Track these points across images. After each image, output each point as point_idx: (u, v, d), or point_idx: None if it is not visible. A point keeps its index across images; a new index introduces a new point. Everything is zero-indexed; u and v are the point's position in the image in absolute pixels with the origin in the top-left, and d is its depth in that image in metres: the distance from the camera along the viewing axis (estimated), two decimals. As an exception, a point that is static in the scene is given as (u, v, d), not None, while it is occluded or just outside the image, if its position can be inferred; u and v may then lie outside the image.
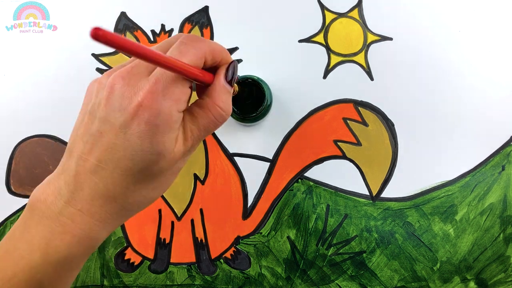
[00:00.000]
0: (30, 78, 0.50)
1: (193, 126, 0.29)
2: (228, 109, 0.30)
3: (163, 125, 0.26)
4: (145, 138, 0.26)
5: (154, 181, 0.29)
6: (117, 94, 0.26)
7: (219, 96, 0.29)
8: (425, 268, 0.47)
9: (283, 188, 0.48)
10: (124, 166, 0.27)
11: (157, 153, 0.27)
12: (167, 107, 0.26)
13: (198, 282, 0.49)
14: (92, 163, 0.27)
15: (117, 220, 0.29)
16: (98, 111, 0.27)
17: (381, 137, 0.48)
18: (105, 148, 0.27)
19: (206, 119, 0.29)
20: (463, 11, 0.47)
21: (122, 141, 0.26)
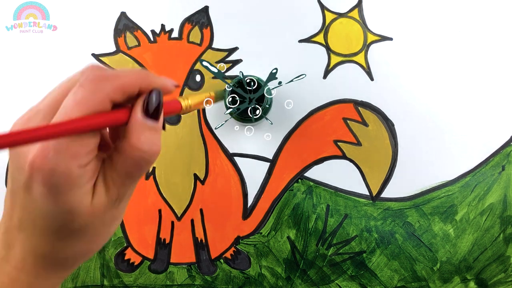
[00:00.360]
0: (30, 78, 0.50)
1: (114, 174, 0.25)
2: (151, 148, 0.25)
3: (63, 184, 0.23)
4: (46, 199, 0.24)
5: (83, 236, 0.26)
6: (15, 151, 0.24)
7: (137, 136, 0.24)
8: (425, 268, 0.47)
9: (283, 188, 0.48)
10: (40, 226, 0.25)
11: (67, 212, 0.24)
12: (62, 165, 0.23)
13: (198, 282, 0.49)
14: (15, 221, 0.26)
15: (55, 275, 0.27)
16: (9, 166, 0.25)
17: (381, 137, 0.48)
18: (21, 207, 0.25)
19: (125, 164, 0.25)
20: (463, 11, 0.47)
21: (30, 202, 0.24)
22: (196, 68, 0.49)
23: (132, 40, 0.49)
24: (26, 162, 0.23)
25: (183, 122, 0.49)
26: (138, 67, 0.49)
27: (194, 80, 0.49)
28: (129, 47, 0.49)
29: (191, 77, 0.49)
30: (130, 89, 0.25)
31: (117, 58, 0.49)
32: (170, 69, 0.49)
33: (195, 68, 0.49)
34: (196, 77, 0.49)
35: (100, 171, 0.25)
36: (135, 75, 0.25)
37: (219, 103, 0.49)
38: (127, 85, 0.25)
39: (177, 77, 0.49)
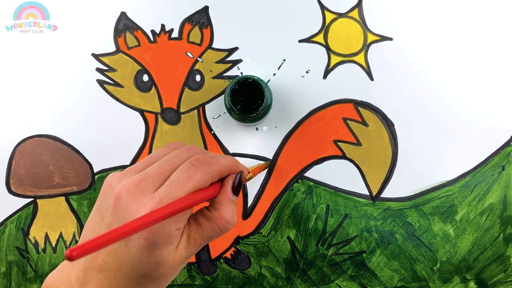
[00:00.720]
0: (30, 78, 0.50)
1: (197, 236, 0.31)
2: (234, 221, 0.31)
3: (161, 241, 0.28)
4: (143, 251, 0.28)
5: (156, 282, 0.30)
6: (122, 206, 0.28)
7: (226, 210, 0.31)
8: (425, 268, 0.47)
9: (283, 188, 0.48)
10: (125, 271, 0.29)
11: (155, 263, 0.29)
12: (166, 226, 0.28)
13: (198, 282, 0.49)
14: (98, 262, 0.29)
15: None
16: (106, 216, 0.29)
17: (381, 137, 0.48)
18: (109, 252, 0.29)
19: (211, 230, 0.31)
20: (463, 11, 0.47)
21: (123, 250, 0.28)
22: (196, 68, 0.49)
23: (132, 40, 0.49)
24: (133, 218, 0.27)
25: (183, 122, 0.49)
26: (139, 67, 0.49)
27: (194, 80, 0.49)
28: (129, 47, 0.49)
29: (191, 77, 0.49)
30: (225, 172, 0.31)
31: (117, 58, 0.49)
32: (170, 69, 0.49)
33: (195, 68, 0.49)
34: (196, 77, 0.49)
35: (185, 231, 0.31)
36: (230, 162, 0.32)
37: (219, 103, 0.49)
38: (224, 170, 0.31)
39: (177, 77, 0.49)
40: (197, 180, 0.29)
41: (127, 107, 0.49)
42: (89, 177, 0.49)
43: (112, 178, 0.31)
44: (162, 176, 0.30)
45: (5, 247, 0.50)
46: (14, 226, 0.50)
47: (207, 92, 0.49)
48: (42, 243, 0.49)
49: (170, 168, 0.30)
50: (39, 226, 0.50)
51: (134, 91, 0.49)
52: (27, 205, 0.50)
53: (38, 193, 0.49)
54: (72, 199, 0.49)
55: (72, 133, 0.49)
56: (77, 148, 0.49)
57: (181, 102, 0.49)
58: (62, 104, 0.49)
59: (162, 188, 0.29)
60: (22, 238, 0.50)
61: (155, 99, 0.49)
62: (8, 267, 0.50)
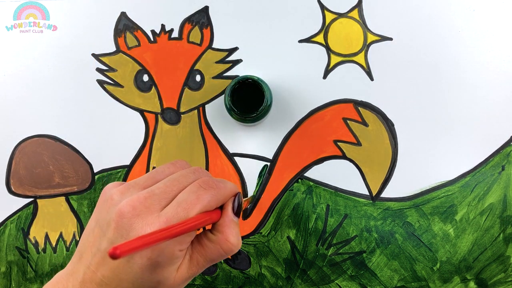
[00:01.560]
0: (30, 78, 0.50)
1: (200, 258, 0.31)
2: (238, 243, 0.31)
3: (164, 262, 0.28)
4: (145, 270, 0.28)
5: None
6: (126, 223, 0.28)
7: (230, 232, 0.31)
8: (425, 268, 0.47)
9: (283, 188, 0.48)
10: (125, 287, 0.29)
11: (156, 282, 0.29)
12: (170, 247, 0.28)
13: (198, 282, 0.49)
14: (98, 277, 0.29)
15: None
16: (108, 231, 0.28)
17: (381, 137, 0.48)
18: (110, 267, 0.28)
19: (216, 253, 0.31)
20: (463, 11, 0.47)
21: (125, 267, 0.28)
22: (196, 68, 0.49)
23: (132, 40, 0.49)
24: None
25: (183, 122, 0.49)
26: (139, 67, 0.49)
27: (194, 80, 0.49)
28: (129, 47, 0.49)
29: (191, 77, 0.49)
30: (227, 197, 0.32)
31: (117, 58, 0.49)
32: (170, 69, 0.49)
33: (195, 68, 0.49)
34: (196, 77, 0.49)
35: (187, 252, 0.31)
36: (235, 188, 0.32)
37: (219, 103, 0.49)
38: (230, 195, 0.32)
39: (177, 77, 0.49)
40: (206, 202, 0.29)
41: (127, 107, 0.49)
42: (89, 177, 0.49)
43: (113, 191, 0.30)
44: (169, 196, 0.30)
45: (5, 247, 0.50)
46: (14, 226, 0.50)
47: (207, 92, 0.49)
48: (42, 243, 0.49)
49: (178, 188, 0.30)
50: (39, 226, 0.50)
51: (134, 91, 0.49)
52: (27, 205, 0.50)
53: (38, 193, 0.49)
54: (72, 199, 0.49)
55: (72, 133, 0.49)
56: (77, 148, 0.49)
57: (181, 102, 0.49)
58: (62, 104, 0.49)
59: (169, 208, 0.29)
60: (22, 238, 0.50)
61: (155, 99, 0.49)
62: (8, 267, 0.50)
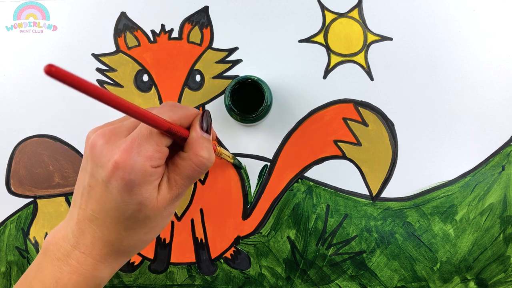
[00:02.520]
0: (30, 78, 0.50)
1: (177, 176, 0.32)
2: (210, 156, 0.32)
3: (139, 180, 0.29)
4: (123, 192, 0.29)
5: (145, 227, 0.32)
6: (98, 151, 0.30)
7: (199, 146, 0.31)
8: (425, 268, 0.47)
9: (283, 188, 0.48)
10: (112, 215, 0.30)
11: (137, 203, 0.30)
12: (140, 163, 0.29)
13: (198, 282, 0.49)
14: (88, 213, 0.31)
15: (116, 261, 0.33)
16: (87, 166, 0.31)
17: (381, 137, 0.48)
18: (95, 199, 0.31)
19: (189, 169, 0.31)
20: (463, 11, 0.47)
21: (106, 194, 0.30)
22: (196, 68, 0.49)
23: (132, 40, 0.49)
24: (110, 161, 0.29)
25: (183, 122, 0.49)
26: (139, 67, 0.49)
27: (194, 80, 0.49)
28: (129, 47, 0.49)
29: (191, 77, 0.49)
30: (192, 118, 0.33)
31: (117, 58, 0.49)
32: (170, 69, 0.49)
33: (195, 68, 0.49)
34: (196, 77, 0.49)
35: (165, 173, 0.31)
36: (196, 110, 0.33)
37: (219, 103, 0.49)
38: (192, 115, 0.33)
39: (177, 77, 0.49)
40: (167, 117, 0.30)
41: (127, 107, 0.49)
42: (89, 177, 0.49)
43: (90, 132, 0.32)
44: (136, 124, 0.31)
45: (5, 247, 0.50)
46: (14, 226, 0.50)
47: (207, 92, 0.49)
48: (42, 243, 0.49)
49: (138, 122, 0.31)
50: (39, 226, 0.50)
51: (134, 91, 0.49)
52: (27, 205, 0.50)
53: (38, 193, 0.49)
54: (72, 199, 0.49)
55: (72, 133, 0.49)
56: (77, 148, 0.49)
57: (181, 102, 0.49)
58: (62, 104, 0.49)
59: (134, 131, 0.30)
60: (22, 238, 0.50)
61: (155, 99, 0.49)
62: (8, 267, 0.50)
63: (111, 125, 0.32)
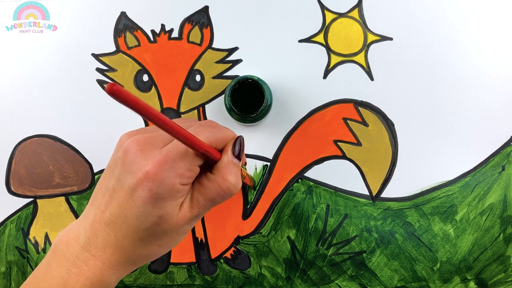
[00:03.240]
0: (30, 78, 0.50)
1: (200, 197, 0.31)
2: (238, 183, 0.32)
3: (165, 194, 0.29)
4: (147, 203, 0.29)
5: (160, 240, 0.31)
6: (131, 158, 0.29)
7: (228, 171, 0.31)
8: (425, 268, 0.47)
9: (283, 188, 0.48)
10: (130, 223, 0.30)
11: (158, 217, 0.30)
12: (170, 179, 0.29)
13: (198, 282, 0.49)
14: (106, 216, 0.30)
15: (125, 269, 0.32)
16: (115, 168, 0.30)
17: (381, 137, 0.48)
18: (117, 204, 0.30)
19: (214, 192, 0.31)
20: (463, 11, 0.47)
21: (129, 201, 0.29)
22: (196, 68, 0.49)
23: (132, 40, 0.49)
24: (141, 170, 0.29)
25: (183, 122, 0.49)
26: (139, 67, 0.49)
27: (194, 80, 0.49)
28: (129, 47, 0.49)
29: (191, 77, 0.49)
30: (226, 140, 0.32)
31: (117, 58, 0.49)
32: (170, 69, 0.49)
33: (195, 68, 0.49)
34: (196, 77, 0.49)
35: (189, 192, 0.31)
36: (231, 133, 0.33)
37: (219, 103, 0.49)
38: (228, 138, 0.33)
39: (177, 77, 0.49)
40: (203, 138, 0.30)
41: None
42: (89, 177, 0.49)
43: (124, 136, 0.32)
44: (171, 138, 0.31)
45: (5, 247, 0.50)
46: (14, 226, 0.50)
47: (207, 92, 0.49)
48: (42, 243, 0.49)
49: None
50: (39, 226, 0.50)
51: (134, 91, 0.49)
52: (27, 205, 0.50)
53: (38, 193, 0.49)
54: (72, 199, 0.49)
55: (72, 133, 0.49)
56: (77, 148, 0.49)
57: (181, 102, 0.49)
58: (62, 104, 0.49)
59: (170, 144, 0.30)
60: (22, 238, 0.50)
61: (155, 99, 0.49)
62: (8, 267, 0.50)
63: (147, 133, 0.31)
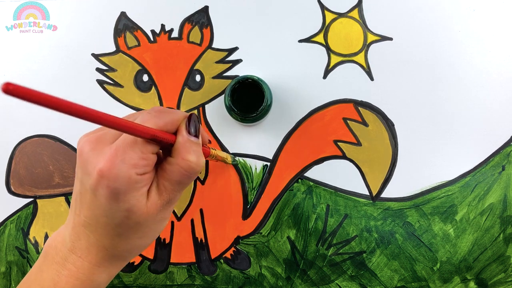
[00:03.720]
0: (30, 78, 0.50)
1: (166, 182, 0.31)
2: (198, 160, 0.31)
3: (124, 187, 0.29)
4: (110, 199, 0.29)
5: (137, 232, 0.32)
6: (84, 159, 0.30)
7: (186, 150, 0.31)
8: (425, 268, 0.47)
9: (283, 188, 0.48)
10: (102, 222, 0.30)
11: (125, 210, 0.30)
12: (124, 171, 0.29)
13: (198, 282, 0.49)
14: (82, 219, 0.31)
15: (113, 265, 0.33)
16: (78, 172, 0.31)
17: (381, 137, 0.48)
18: (87, 206, 0.31)
19: (178, 173, 0.31)
20: (463, 11, 0.47)
21: (95, 201, 0.30)
22: (196, 68, 0.49)
23: (132, 40, 0.49)
24: (95, 169, 0.29)
25: (183, 122, 0.49)
26: (138, 67, 0.49)
27: (194, 80, 0.49)
28: (129, 47, 0.49)
29: (191, 77, 0.49)
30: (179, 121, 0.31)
31: (117, 58, 0.49)
32: (170, 69, 0.49)
33: (195, 68, 0.49)
34: (196, 77, 0.49)
35: (154, 179, 0.31)
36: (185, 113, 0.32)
37: (219, 103, 0.49)
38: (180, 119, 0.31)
39: (177, 77, 0.49)
40: (152, 124, 0.30)
41: (127, 107, 0.49)
42: (89, 177, 0.49)
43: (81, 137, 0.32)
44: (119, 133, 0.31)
45: (5, 247, 0.50)
46: (14, 226, 0.50)
47: (207, 92, 0.49)
48: (42, 243, 0.49)
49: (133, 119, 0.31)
50: (39, 226, 0.50)
51: (134, 91, 0.49)
52: (27, 205, 0.50)
53: (38, 193, 0.49)
54: (72, 199, 0.49)
55: (72, 133, 0.49)
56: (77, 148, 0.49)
57: (181, 102, 0.49)
58: (62, 104, 0.49)
59: (119, 138, 0.30)
60: (22, 238, 0.50)
61: (155, 99, 0.49)
62: (8, 267, 0.50)
63: (99, 131, 0.31)
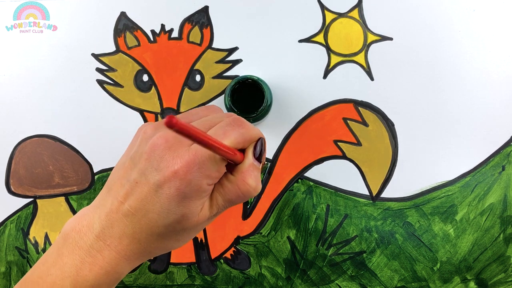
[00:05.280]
0: (30, 78, 0.50)
1: (220, 197, 0.31)
2: (257, 186, 0.32)
3: (191, 194, 0.29)
4: (172, 201, 0.29)
5: (177, 236, 0.31)
6: (158, 154, 0.29)
7: (249, 174, 0.31)
8: (425, 268, 0.47)
9: (283, 188, 0.48)
10: (151, 218, 0.30)
11: (181, 215, 0.30)
12: (198, 180, 0.29)
13: (198, 282, 0.49)
14: (125, 207, 0.30)
15: (139, 259, 0.32)
16: (140, 162, 0.30)
17: (381, 137, 0.48)
18: (138, 197, 0.30)
19: (234, 193, 0.31)
20: (463, 11, 0.47)
21: (153, 197, 0.29)
22: (196, 68, 0.49)
23: (132, 40, 0.49)
24: (169, 169, 0.28)
25: (183, 122, 0.49)
26: (138, 67, 0.49)
27: (194, 80, 0.49)
28: (129, 47, 0.49)
29: (191, 77, 0.49)
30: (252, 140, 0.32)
31: (117, 58, 0.49)
32: (170, 69, 0.49)
33: (195, 68, 0.49)
34: (196, 77, 0.49)
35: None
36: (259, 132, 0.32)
37: (219, 103, 0.49)
38: (255, 138, 0.32)
39: (177, 77, 0.49)
40: (232, 139, 0.30)
41: (127, 107, 0.49)
42: (89, 177, 0.49)
43: (148, 126, 0.31)
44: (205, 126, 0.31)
45: (5, 247, 0.50)
46: (14, 226, 0.50)
47: (207, 92, 0.49)
48: (42, 243, 0.49)
49: (209, 126, 0.31)
50: (39, 226, 0.50)
51: (134, 91, 0.49)
52: (27, 205, 0.50)
53: (38, 193, 0.49)
54: (72, 199, 0.49)
55: (72, 133, 0.49)
56: (77, 148, 0.49)
57: (181, 102, 0.49)
58: (62, 104, 0.49)
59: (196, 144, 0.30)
60: (22, 238, 0.50)
61: (155, 99, 0.49)
62: (8, 267, 0.50)
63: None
